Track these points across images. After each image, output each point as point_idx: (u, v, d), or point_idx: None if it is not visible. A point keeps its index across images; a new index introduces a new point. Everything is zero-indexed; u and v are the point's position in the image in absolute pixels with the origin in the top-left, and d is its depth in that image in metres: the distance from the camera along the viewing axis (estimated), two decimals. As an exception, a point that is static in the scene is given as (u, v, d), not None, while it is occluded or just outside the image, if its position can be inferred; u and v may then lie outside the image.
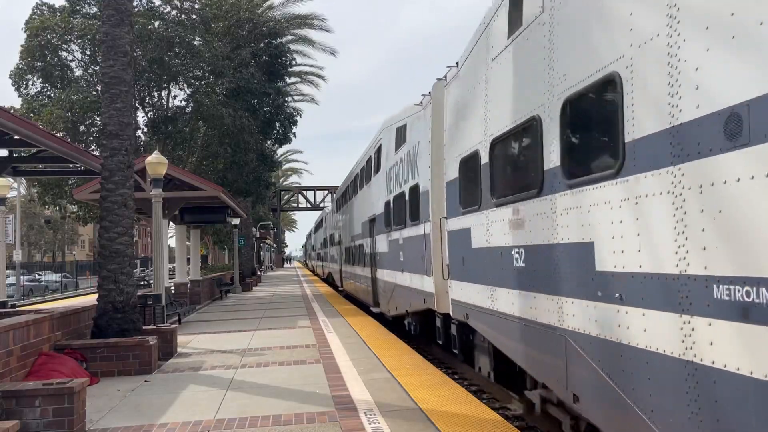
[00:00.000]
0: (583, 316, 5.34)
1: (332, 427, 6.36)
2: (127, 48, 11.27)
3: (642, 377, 4.48)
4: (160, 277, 13.98)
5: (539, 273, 6.29)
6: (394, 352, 10.78)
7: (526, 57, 6.72)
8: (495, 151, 7.61)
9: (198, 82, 28.95)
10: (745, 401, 3.47)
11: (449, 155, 9.79)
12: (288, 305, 21.69)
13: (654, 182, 4.32)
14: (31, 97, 27.33)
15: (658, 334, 4.27)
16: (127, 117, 11.14)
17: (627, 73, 4.68)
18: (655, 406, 4.34)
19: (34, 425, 6.26)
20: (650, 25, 4.40)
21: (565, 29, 5.79)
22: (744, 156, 3.48)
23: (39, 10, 27.84)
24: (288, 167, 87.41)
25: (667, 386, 4.20)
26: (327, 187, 72.31)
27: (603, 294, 5.01)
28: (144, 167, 14.84)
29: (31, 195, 52.44)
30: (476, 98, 8.34)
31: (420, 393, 7.61)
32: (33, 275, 41.91)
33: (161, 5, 28.72)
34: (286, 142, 36.23)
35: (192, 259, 27.75)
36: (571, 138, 5.77)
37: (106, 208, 10.77)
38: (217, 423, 6.69)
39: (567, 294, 5.66)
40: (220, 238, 49.24)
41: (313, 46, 40.53)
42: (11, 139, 12.01)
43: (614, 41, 4.89)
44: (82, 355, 9.46)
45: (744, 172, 3.48)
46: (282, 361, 10.42)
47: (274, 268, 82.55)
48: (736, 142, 3.54)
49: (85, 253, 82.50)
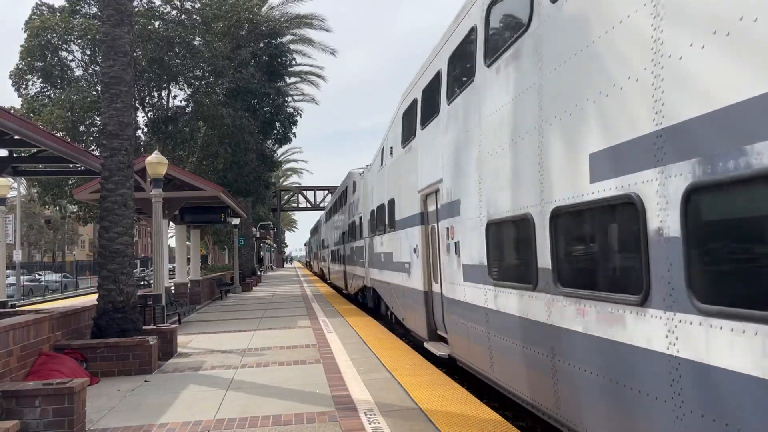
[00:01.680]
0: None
1: (332, 427, 6.36)
2: (127, 48, 11.27)
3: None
4: (160, 277, 13.98)
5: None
6: (394, 352, 10.78)
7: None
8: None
9: (198, 82, 28.94)
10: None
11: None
12: (288, 305, 21.70)
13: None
14: (31, 97, 27.31)
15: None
16: (127, 117, 11.14)
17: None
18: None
19: (34, 425, 6.26)
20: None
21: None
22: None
23: (39, 10, 27.83)
24: (288, 167, 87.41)
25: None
26: (327, 187, 72.29)
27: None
28: (144, 167, 14.84)
29: (31, 195, 52.51)
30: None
31: (420, 393, 7.61)
32: (33, 275, 41.89)
33: (161, 5, 28.70)
34: (286, 142, 36.22)
35: (192, 259, 27.74)
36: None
37: (106, 208, 10.76)
38: (217, 423, 6.69)
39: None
40: (220, 238, 49.22)
41: (312, 46, 40.52)
42: (11, 139, 12.01)
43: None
44: (82, 355, 9.46)
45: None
46: (282, 361, 10.42)
47: (274, 268, 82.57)
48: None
49: (85, 253, 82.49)
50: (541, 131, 5.74)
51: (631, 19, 4.38)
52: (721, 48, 3.50)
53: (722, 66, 3.48)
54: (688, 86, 3.77)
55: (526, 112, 6.15)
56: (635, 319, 4.33)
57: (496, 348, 7.31)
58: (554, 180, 5.53)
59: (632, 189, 4.32)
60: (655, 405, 4.13)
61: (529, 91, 6.07)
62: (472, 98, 7.94)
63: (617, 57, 4.59)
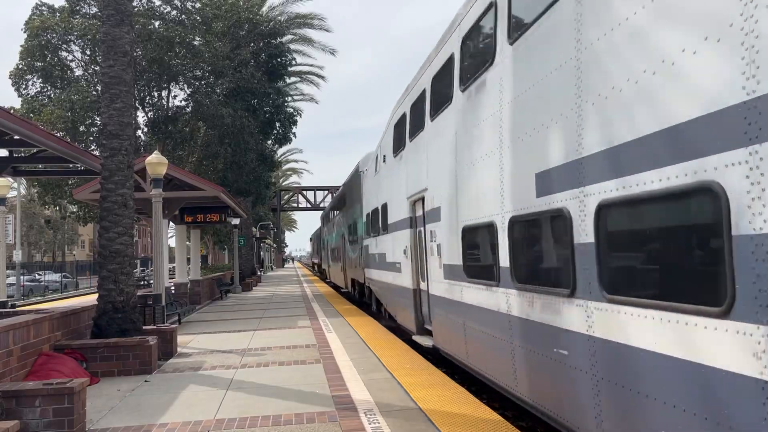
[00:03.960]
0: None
1: (332, 427, 6.36)
2: (127, 48, 11.27)
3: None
4: (160, 277, 13.97)
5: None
6: (394, 352, 10.78)
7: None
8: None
9: (198, 82, 28.94)
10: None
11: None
12: (288, 305, 21.70)
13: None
14: (31, 97, 27.32)
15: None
16: (127, 117, 11.14)
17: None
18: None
19: (34, 425, 6.26)
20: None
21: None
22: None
23: (39, 10, 27.83)
24: (288, 167, 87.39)
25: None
26: (327, 187, 72.27)
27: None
28: (144, 167, 14.83)
29: (31, 195, 52.49)
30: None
31: (420, 393, 7.61)
32: (33, 275, 41.89)
33: (161, 5, 28.70)
34: (286, 142, 36.22)
35: (192, 259, 27.74)
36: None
37: (106, 208, 10.76)
38: (217, 423, 6.69)
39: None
40: (220, 238, 49.22)
41: (312, 46, 40.53)
42: (11, 139, 12.02)
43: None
44: (82, 355, 9.46)
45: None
46: (282, 361, 10.42)
47: (274, 268, 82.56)
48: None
49: (85, 253, 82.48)
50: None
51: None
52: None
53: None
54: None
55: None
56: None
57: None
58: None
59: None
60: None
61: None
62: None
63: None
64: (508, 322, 6.78)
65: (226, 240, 47.04)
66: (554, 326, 5.63)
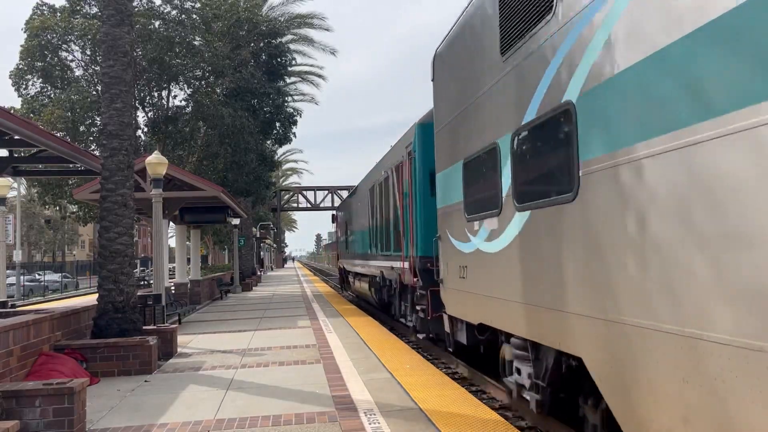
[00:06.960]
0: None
1: (332, 427, 6.35)
2: (127, 48, 11.26)
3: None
4: (160, 277, 13.97)
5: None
6: (394, 352, 10.78)
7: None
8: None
9: (198, 82, 28.92)
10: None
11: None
12: (288, 305, 21.70)
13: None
14: (31, 97, 27.29)
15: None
16: (127, 117, 11.13)
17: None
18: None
19: (34, 425, 6.26)
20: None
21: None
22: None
23: (39, 10, 27.81)
24: (288, 167, 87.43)
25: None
26: (327, 187, 72.28)
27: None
28: (144, 167, 14.83)
29: (31, 195, 52.43)
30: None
31: (420, 393, 7.61)
32: (33, 275, 41.90)
33: (161, 5, 28.69)
34: (286, 142, 36.19)
35: (192, 259, 27.74)
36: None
37: (106, 208, 10.76)
38: (217, 423, 6.69)
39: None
40: (220, 238, 49.21)
41: (313, 46, 40.52)
42: (11, 139, 12.00)
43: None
44: (82, 355, 9.46)
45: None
46: (282, 361, 10.42)
47: (274, 268, 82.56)
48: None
49: (85, 253, 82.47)
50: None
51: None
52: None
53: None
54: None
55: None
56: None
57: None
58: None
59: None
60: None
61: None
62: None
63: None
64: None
65: (226, 240, 47.03)
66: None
